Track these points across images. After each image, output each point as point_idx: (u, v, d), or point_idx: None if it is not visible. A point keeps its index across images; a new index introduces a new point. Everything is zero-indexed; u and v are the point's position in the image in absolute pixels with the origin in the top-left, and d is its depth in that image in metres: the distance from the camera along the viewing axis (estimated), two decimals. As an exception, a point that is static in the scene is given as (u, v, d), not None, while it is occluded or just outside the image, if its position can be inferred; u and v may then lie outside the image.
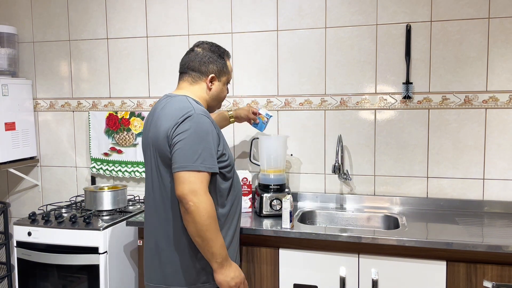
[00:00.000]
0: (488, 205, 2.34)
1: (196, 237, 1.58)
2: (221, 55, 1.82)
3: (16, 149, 2.84)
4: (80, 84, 2.93)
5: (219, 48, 1.84)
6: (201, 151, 1.58)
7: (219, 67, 1.80)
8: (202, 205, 1.55)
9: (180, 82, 1.82)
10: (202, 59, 1.78)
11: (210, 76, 1.78)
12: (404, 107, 2.43)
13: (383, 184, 2.49)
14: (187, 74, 1.80)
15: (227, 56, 1.86)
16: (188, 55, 1.82)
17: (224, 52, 1.85)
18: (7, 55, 2.85)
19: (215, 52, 1.81)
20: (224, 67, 1.82)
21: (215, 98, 1.83)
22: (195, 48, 1.82)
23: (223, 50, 1.85)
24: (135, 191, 2.87)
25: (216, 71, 1.79)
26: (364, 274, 1.94)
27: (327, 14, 2.50)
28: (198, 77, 1.78)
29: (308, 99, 2.56)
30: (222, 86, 1.84)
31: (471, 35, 2.33)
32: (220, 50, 1.83)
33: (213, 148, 1.62)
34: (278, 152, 2.37)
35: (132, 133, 2.81)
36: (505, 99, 2.31)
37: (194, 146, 1.58)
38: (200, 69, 1.78)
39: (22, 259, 2.38)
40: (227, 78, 1.85)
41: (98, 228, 2.27)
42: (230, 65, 1.88)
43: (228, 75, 1.85)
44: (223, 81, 1.84)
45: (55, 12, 2.93)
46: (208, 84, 1.78)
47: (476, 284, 1.83)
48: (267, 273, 2.06)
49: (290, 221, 2.04)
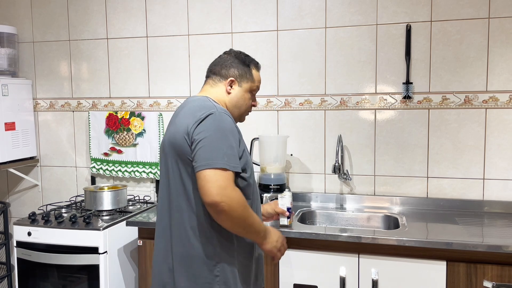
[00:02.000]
0: (488, 205, 2.34)
1: (237, 229, 1.56)
2: (245, 62, 1.76)
3: (16, 149, 2.84)
4: (80, 84, 2.93)
5: (247, 56, 1.79)
6: (225, 149, 1.53)
7: (241, 72, 1.74)
8: (234, 200, 1.50)
9: (203, 86, 1.81)
10: (225, 63, 1.75)
11: (229, 79, 1.73)
12: (404, 107, 2.43)
13: (383, 184, 2.49)
14: (210, 78, 1.77)
15: (254, 65, 1.79)
16: (214, 60, 1.80)
17: (252, 61, 1.78)
18: (7, 55, 2.85)
19: (239, 58, 1.76)
20: (247, 73, 1.75)
21: (235, 104, 1.75)
22: (223, 54, 1.80)
23: (250, 59, 1.79)
24: (135, 191, 2.87)
25: (237, 76, 1.74)
26: (364, 274, 1.94)
27: (327, 14, 2.50)
28: (218, 80, 1.75)
29: (308, 99, 2.56)
30: (244, 93, 1.75)
31: (471, 35, 2.33)
32: (246, 58, 1.78)
33: (235, 147, 1.57)
34: (278, 152, 2.37)
35: (132, 133, 2.81)
36: (505, 99, 2.31)
37: (218, 144, 1.53)
38: (221, 72, 1.74)
39: (22, 259, 2.38)
40: (250, 86, 1.75)
41: (98, 228, 2.27)
42: (257, 75, 1.78)
43: (252, 83, 1.75)
44: (245, 88, 1.75)
45: (55, 12, 2.93)
46: (227, 88, 1.73)
47: (476, 284, 1.83)
48: (267, 273, 2.06)
49: (288, 218, 2.03)
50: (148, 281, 2.20)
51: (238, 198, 1.52)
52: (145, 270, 2.22)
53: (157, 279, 1.68)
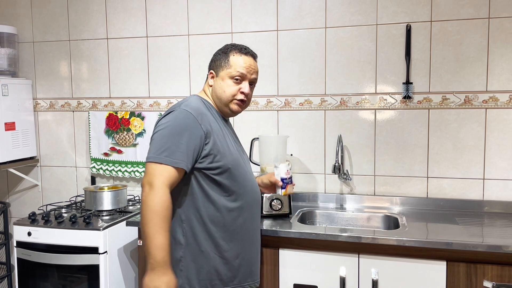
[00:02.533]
0: (488, 205, 2.34)
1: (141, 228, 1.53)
2: (225, 51, 1.74)
3: (16, 149, 2.84)
4: (80, 84, 2.93)
5: (232, 44, 1.76)
6: (169, 144, 1.54)
7: (218, 62, 1.73)
8: (150, 197, 1.49)
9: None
10: (211, 59, 1.80)
11: (209, 72, 1.78)
12: (404, 107, 2.43)
13: (383, 184, 2.49)
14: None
15: (237, 50, 1.72)
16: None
17: (235, 48, 1.74)
18: (7, 55, 2.85)
19: (222, 49, 1.76)
20: (223, 60, 1.72)
21: (217, 95, 1.73)
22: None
23: (231, 45, 1.75)
24: (135, 191, 2.87)
25: (214, 66, 1.75)
26: (364, 274, 1.94)
27: (327, 14, 2.50)
28: (207, 76, 1.81)
29: (308, 99, 2.56)
30: (221, 82, 1.71)
31: (471, 35, 2.33)
32: (228, 46, 1.75)
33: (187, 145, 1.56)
34: (278, 152, 2.37)
35: (132, 133, 2.81)
36: (505, 99, 2.31)
37: (164, 139, 1.55)
38: (208, 67, 1.80)
39: (22, 259, 2.38)
40: (228, 72, 1.70)
41: (98, 228, 2.27)
42: (238, 60, 1.71)
43: (228, 69, 1.70)
44: (221, 76, 1.71)
45: (55, 12, 2.93)
46: (209, 81, 1.78)
47: (476, 284, 1.83)
48: (267, 273, 2.06)
49: (283, 188, 1.98)
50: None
51: (156, 198, 1.50)
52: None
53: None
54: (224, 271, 1.68)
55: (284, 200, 2.23)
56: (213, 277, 1.67)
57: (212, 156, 1.63)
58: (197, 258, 1.65)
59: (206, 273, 1.66)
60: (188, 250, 1.65)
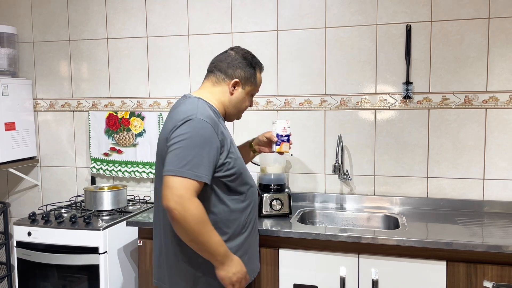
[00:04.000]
0: (488, 205, 2.34)
1: (190, 243, 1.54)
2: (252, 64, 1.75)
3: (16, 149, 2.84)
4: (80, 84, 2.93)
5: (253, 57, 1.78)
6: (191, 158, 1.50)
7: (247, 75, 1.73)
8: (188, 212, 1.47)
9: (204, 81, 1.78)
10: (232, 62, 1.72)
11: (234, 81, 1.72)
12: (404, 107, 2.43)
13: (383, 184, 2.49)
14: (213, 74, 1.75)
15: (259, 67, 1.79)
16: (220, 55, 1.78)
17: (257, 64, 1.78)
18: (7, 55, 2.85)
19: (247, 60, 1.75)
20: (252, 77, 1.75)
21: (235, 106, 1.75)
22: (229, 50, 1.78)
23: (256, 61, 1.78)
24: (135, 191, 2.87)
25: (242, 78, 1.73)
26: (364, 274, 1.94)
27: (327, 14, 2.50)
28: (222, 79, 1.73)
29: (308, 99, 2.56)
30: (245, 96, 1.76)
31: (471, 35, 2.33)
32: (253, 60, 1.77)
33: (209, 157, 1.54)
34: (278, 152, 2.36)
35: (132, 133, 2.81)
36: (505, 99, 2.31)
37: (186, 151, 1.51)
38: (226, 71, 1.72)
39: (22, 259, 2.38)
40: (252, 89, 1.77)
41: (98, 228, 2.27)
42: (260, 78, 1.80)
43: (254, 86, 1.77)
44: (247, 91, 1.76)
45: (55, 12, 2.93)
46: (230, 89, 1.72)
47: (476, 284, 1.83)
48: (267, 273, 2.06)
49: (277, 145, 1.98)
50: (149, 281, 2.20)
51: (194, 211, 1.48)
52: (145, 270, 2.22)
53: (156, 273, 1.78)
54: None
55: (284, 200, 2.24)
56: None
57: (227, 163, 1.63)
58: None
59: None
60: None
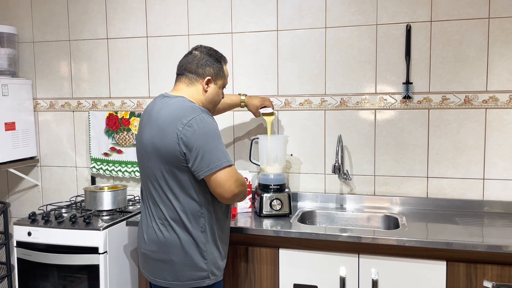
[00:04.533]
0: (488, 205, 2.34)
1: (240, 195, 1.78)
2: (218, 59, 1.87)
3: (16, 149, 2.84)
4: (80, 84, 2.93)
5: (217, 52, 1.89)
6: (222, 147, 1.70)
7: (216, 71, 1.84)
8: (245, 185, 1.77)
9: (176, 83, 1.87)
10: (200, 62, 1.82)
11: (207, 79, 1.82)
12: (404, 107, 2.43)
13: (383, 184, 2.49)
14: (184, 76, 1.84)
15: (224, 60, 1.91)
16: (186, 57, 1.87)
17: (221, 57, 1.90)
18: (7, 55, 2.85)
19: (213, 56, 1.86)
20: (220, 71, 1.86)
21: (211, 101, 1.87)
22: (193, 51, 1.87)
23: (220, 55, 1.90)
24: (135, 191, 2.87)
25: (213, 74, 1.83)
26: (364, 274, 1.94)
27: (327, 14, 2.50)
28: (194, 79, 1.82)
29: (308, 99, 2.56)
30: (218, 90, 1.88)
31: (471, 35, 2.33)
32: (217, 55, 1.88)
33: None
34: (278, 152, 2.37)
35: (132, 133, 2.81)
36: (505, 99, 2.31)
37: (216, 145, 1.68)
38: (197, 71, 1.82)
39: (22, 259, 2.38)
40: (223, 82, 1.89)
41: (98, 228, 2.27)
42: (227, 70, 1.92)
43: (224, 79, 1.89)
44: (219, 85, 1.88)
45: (55, 12, 2.93)
46: (204, 86, 1.82)
47: (476, 284, 1.83)
48: (267, 273, 2.06)
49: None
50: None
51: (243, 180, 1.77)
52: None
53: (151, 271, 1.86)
54: (221, 262, 1.84)
55: (284, 200, 2.24)
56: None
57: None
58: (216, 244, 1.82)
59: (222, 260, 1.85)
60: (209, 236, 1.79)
